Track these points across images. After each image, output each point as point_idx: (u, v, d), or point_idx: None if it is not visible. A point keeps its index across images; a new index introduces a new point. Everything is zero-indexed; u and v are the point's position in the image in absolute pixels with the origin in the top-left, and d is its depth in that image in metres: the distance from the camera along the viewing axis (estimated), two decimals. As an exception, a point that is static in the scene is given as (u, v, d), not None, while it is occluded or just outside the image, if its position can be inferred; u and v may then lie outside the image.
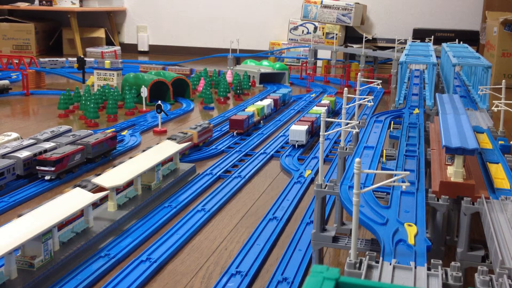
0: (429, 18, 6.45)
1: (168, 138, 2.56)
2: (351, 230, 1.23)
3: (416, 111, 2.33)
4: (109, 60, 4.76)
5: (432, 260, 1.01)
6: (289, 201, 2.15)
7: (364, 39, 5.33)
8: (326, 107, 3.55)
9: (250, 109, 3.41)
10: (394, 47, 5.16)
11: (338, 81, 5.29)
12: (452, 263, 1.01)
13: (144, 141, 3.03)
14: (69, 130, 2.77)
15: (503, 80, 2.09)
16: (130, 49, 7.34)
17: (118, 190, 1.99)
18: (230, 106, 4.13)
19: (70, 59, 5.60)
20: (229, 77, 4.85)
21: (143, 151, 2.29)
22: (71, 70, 5.15)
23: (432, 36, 4.76)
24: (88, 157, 2.51)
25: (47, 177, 2.29)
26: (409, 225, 1.19)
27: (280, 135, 3.19)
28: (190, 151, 2.74)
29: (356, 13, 6.08)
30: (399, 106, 2.46)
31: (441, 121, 1.67)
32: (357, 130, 1.77)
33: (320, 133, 1.36)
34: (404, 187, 1.01)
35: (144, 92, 3.61)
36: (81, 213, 1.77)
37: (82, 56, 4.44)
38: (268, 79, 5.13)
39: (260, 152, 2.83)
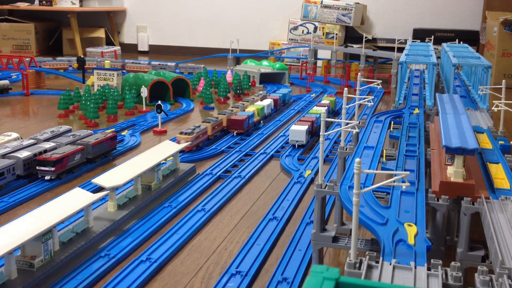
0: (429, 18, 6.44)
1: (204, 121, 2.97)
2: (351, 230, 1.23)
3: (416, 111, 2.33)
4: (109, 60, 4.76)
5: (432, 260, 1.01)
6: (289, 201, 2.15)
7: (364, 39, 5.33)
8: (326, 107, 3.55)
9: (250, 109, 3.41)
10: (394, 47, 5.16)
11: (338, 81, 5.29)
12: (452, 263, 1.01)
13: (144, 141, 3.03)
14: (69, 130, 2.77)
15: (503, 80, 2.09)
16: (130, 49, 7.34)
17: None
18: (230, 106, 4.12)
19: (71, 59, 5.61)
20: (229, 77, 4.85)
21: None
22: (71, 70, 5.15)
23: (432, 36, 4.76)
24: (88, 157, 2.51)
25: (47, 177, 2.29)
26: (409, 225, 1.19)
27: (280, 135, 3.19)
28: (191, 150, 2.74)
29: (356, 13, 6.08)
30: (399, 106, 2.46)
31: (441, 121, 1.67)
32: (357, 130, 1.77)
33: (320, 133, 1.36)
34: (404, 187, 1.01)
35: (144, 92, 3.61)
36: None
37: (82, 56, 4.44)
38: (268, 79, 5.13)
39: (260, 152, 2.83)
